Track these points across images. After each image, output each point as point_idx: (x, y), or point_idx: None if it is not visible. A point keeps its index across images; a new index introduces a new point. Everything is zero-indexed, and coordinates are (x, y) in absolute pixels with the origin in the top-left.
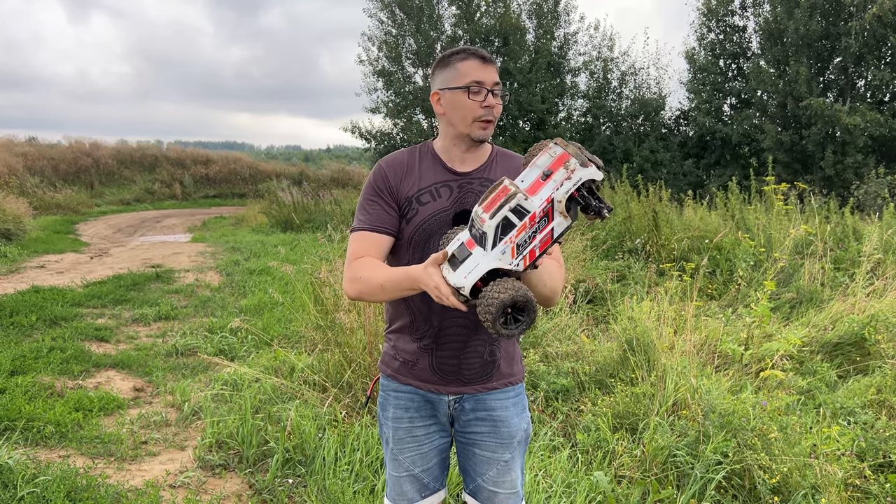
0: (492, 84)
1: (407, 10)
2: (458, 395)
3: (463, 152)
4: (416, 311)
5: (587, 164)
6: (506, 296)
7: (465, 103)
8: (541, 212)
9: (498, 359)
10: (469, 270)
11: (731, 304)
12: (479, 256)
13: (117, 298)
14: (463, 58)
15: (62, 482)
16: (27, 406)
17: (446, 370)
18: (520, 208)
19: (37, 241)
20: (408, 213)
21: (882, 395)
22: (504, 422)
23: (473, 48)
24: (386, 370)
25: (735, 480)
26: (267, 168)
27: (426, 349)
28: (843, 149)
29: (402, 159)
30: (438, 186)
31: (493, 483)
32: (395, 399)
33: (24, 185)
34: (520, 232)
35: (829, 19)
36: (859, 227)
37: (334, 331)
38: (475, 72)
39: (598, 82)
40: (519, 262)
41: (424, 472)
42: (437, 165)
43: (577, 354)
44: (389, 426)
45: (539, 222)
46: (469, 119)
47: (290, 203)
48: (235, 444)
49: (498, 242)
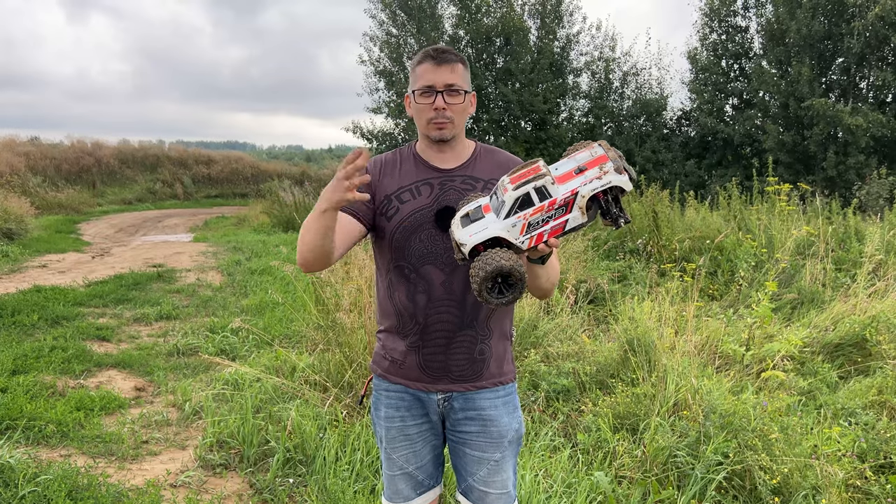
0: (443, 86)
1: (408, 11)
2: (446, 392)
3: (437, 151)
4: (401, 309)
5: (622, 171)
6: (503, 263)
7: (417, 106)
8: (562, 200)
9: (487, 357)
10: (476, 231)
11: (732, 305)
12: (490, 221)
13: (119, 298)
14: (419, 60)
15: (63, 481)
16: (28, 405)
17: (433, 367)
18: (543, 190)
19: (39, 240)
20: (388, 211)
21: (883, 396)
22: (494, 421)
23: (434, 49)
24: (377, 370)
25: (736, 481)
26: (269, 168)
27: (413, 347)
28: (846, 149)
29: (385, 158)
30: (419, 184)
31: (483, 483)
32: (387, 398)
33: (27, 185)
34: (536, 212)
35: (832, 20)
36: (861, 227)
37: (335, 331)
38: (427, 74)
39: (600, 82)
40: (525, 240)
41: (418, 469)
42: (419, 164)
43: (578, 355)
44: (382, 425)
45: (557, 210)
46: (423, 121)
47: (291, 203)
48: (236, 444)
49: (512, 214)
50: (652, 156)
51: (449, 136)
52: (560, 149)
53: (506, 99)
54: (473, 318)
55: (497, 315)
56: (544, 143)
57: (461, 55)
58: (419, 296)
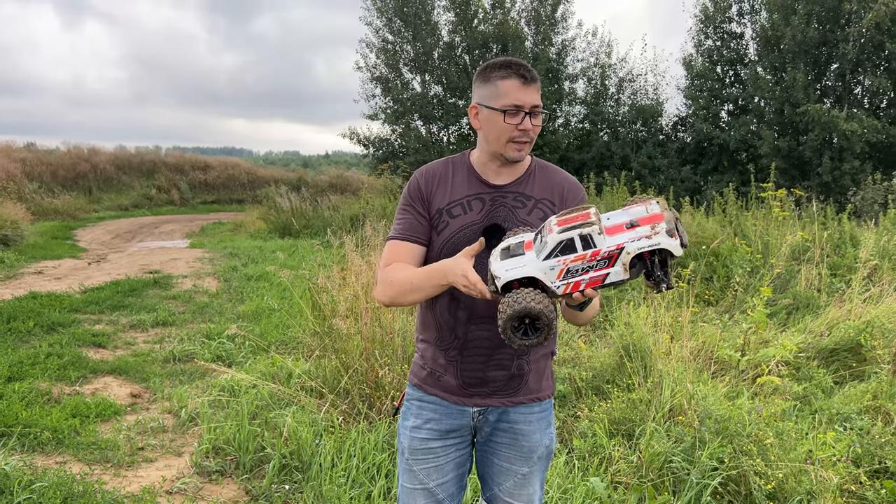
0: (530, 106)
1: (404, 18)
2: (482, 406)
3: (497, 167)
4: (442, 323)
5: (674, 235)
6: (533, 306)
7: (501, 124)
8: (606, 252)
9: (526, 373)
10: (513, 266)
11: (727, 311)
12: (530, 260)
13: (115, 304)
14: (503, 76)
15: (59, 488)
16: (24, 412)
17: (471, 382)
18: (589, 238)
19: (35, 246)
20: (438, 226)
21: (878, 401)
22: (525, 436)
23: (517, 64)
24: (413, 380)
25: (731, 486)
26: (265, 174)
27: (452, 361)
28: (841, 155)
29: (436, 170)
30: (471, 199)
31: (508, 494)
32: (419, 409)
33: (23, 191)
34: (577, 259)
35: (827, 26)
36: (856, 233)
37: (331, 337)
38: (514, 93)
39: (596, 88)
40: (561, 285)
41: (439, 486)
42: (472, 177)
43: (574, 360)
44: (407, 435)
45: (599, 262)
46: (504, 140)
47: (288, 209)
48: (232, 450)
49: (552, 257)
50: (648, 161)
51: (524, 157)
52: (556, 154)
53: None
54: None
55: None
56: (541, 150)
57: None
58: (461, 312)
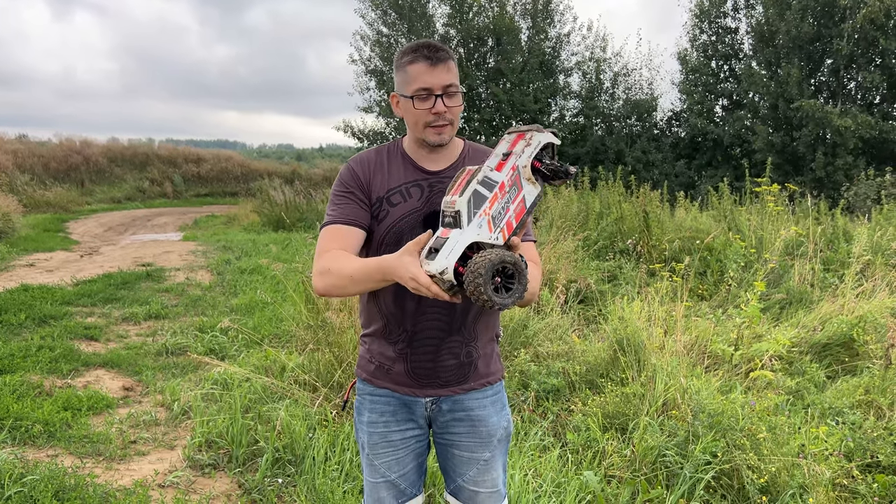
0: (441, 87)
1: (398, 10)
2: (434, 397)
3: (428, 153)
4: (388, 316)
5: (542, 131)
6: (493, 256)
7: (414, 110)
8: (509, 181)
9: (475, 359)
10: (449, 251)
11: (721, 305)
12: (457, 236)
13: (107, 297)
14: (410, 60)
15: (50, 482)
16: (15, 405)
17: (422, 373)
18: (487, 179)
19: (26, 239)
20: (378, 214)
21: (870, 396)
22: (482, 421)
23: (424, 45)
24: (362, 374)
25: (724, 480)
26: (259, 167)
27: (401, 353)
28: (834, 150)
29: (370, 158)
30: (409, 186)
31: (473, 483)
32: (371, 403)
33: (14, 183)
34: (492, 203)
35: (821, 21)
36: (849, 228)
37: (325, 330)
38: (422, 76)
39: (591, 83)
40: (498, 234)
41: (401, 477)
42: (408, 164)
43: (567, 354)
44: (365, 430)
45: (510, 191)
46: (421, 125)
47: (281, 202)
48: (225, 444)
49: (473, 217)
50: (642, 156)
51: (448, 139)
52: None
53: (497, 99)
54: (462, 322)
55: (485, 317)
56: None
57: (450, 49)
58: (409, 303)
